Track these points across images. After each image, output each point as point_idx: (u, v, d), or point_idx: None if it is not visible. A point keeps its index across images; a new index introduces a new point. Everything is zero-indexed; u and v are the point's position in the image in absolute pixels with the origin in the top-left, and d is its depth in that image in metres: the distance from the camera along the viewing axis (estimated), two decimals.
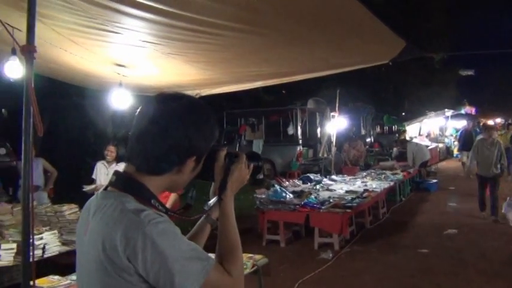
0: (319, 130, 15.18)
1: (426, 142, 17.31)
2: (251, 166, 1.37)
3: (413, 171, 11.53)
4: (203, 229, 1.43)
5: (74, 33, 4.09)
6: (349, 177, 9.79)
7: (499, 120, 27.68)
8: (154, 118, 1.17)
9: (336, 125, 10.69)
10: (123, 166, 1.25)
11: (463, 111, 24.45)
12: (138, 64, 5.30)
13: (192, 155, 1.19)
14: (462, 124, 20.37)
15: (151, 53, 4.66)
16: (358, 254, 6.29)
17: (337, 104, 10.27)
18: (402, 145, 13.37)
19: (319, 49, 4.71)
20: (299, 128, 14.39)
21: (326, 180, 9.17)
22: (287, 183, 8.41)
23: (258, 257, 3.69)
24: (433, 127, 23.10)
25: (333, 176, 9.71)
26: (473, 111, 26.35)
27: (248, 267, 3.45)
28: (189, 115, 1.19)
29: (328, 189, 8.21)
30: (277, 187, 7.43)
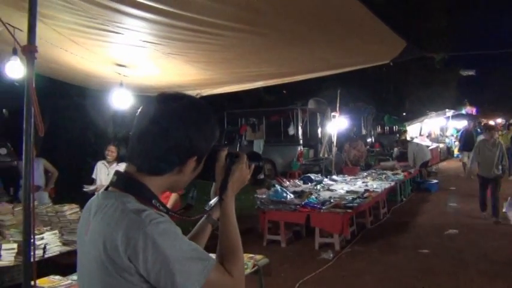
0: (319, 130, 15.18)
1: (427, 142, 17.29)
2: (252, 166, 1.37)
3: (414, 171, 11.53)
4: (204, 229, 1.43)
5: (75, 33, 4.10)
6: (349, 177, 9.79)
7: (500, 120, 27.66)
8: (155, 118, 1.17)
9: (337, 125, 10.68)
10: (123, 166, 1.25)
11: (464, 111, 24.44)
12: (139, 64, 5.31)
13: (193, 155, 1.19)
14: (463, 124, 20.38)
15: (151, 53, 4.66)
16: (358, 254, 6.29)
17: (337, 104, 10.26)
18: (403, 145, 13.37)
19: (319, 49, 4.71)
20: (300, 128, 14.39)
21: (327, 180, 9.17)
22: (288, 183, 8.41)
23: (259, 257, 3.69)
24: (434, 127, 23.09)
25: (334, 176, 9.71)
26: (474, 111, 26.34)
27: (249, 267, 3.46)
28: (190, 115, 1.19)
29: (328, 189, 8.21)
30: (277, 187, 7.43)
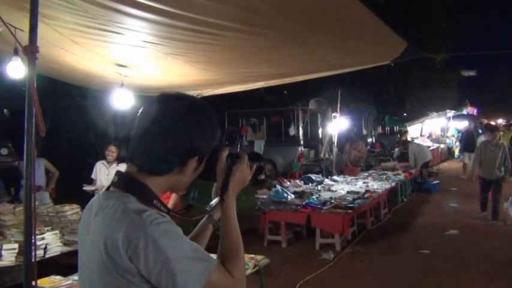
0: (320, 131, 15.16)
1: (428, 143, 17.29)
2: (254, 167, 1.37)
3: (414, 171, 11.53)
4: (205, 229, 1.43)
5: (76, 33, 4.10)
6: (350, 177, 9.78)
7: (501, 121, 27.64)
8: (156, 118, 1.17)
9: (337, 126, 10.67)
10: (124, 167, 1.25)
11: (465, 111, 24.39)
12: (140, 64, 5.31)
13: (194, 156, 1.19)
14: (464, 125, 20.34)
15: (152, 54, 4.66)
16: (359, 255, 6.29)
17: (338, 105, 10.25)
18: (404, 146, 13.34)
19: (320, 50, 4.71)
20: (300, 129, 14.39)
21: (327, 180, 9.16)
22: (288, 183, 8.41)
23: (260, 258, 3.69)
24: (435, 128, 23.07)
25: (335, 177, 9.70)
26: (475, 111, 26.28)
27: (250, 267, 3.46)
28: (191, 115, 1.19)
29: (329, 189, 8.20)
30: (278, 187, 7.43)
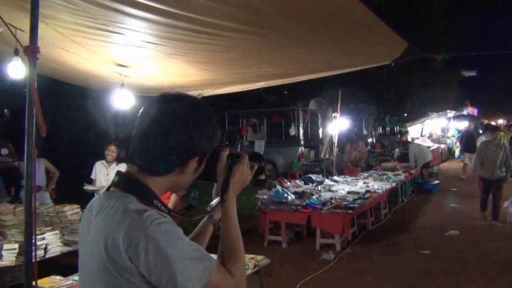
0: (321, 131, 15.18)
1: (428, 143, 17.29)
2: (255, 167, 1.37)
3: (415, 172, 11.53)
4: (205, 230, 1.43)
5: (76, 33, 4.11)
6: (350, 178, 9.79)
7: (501, 121, 27.64)
8: (156, 118, 1.17)
9: (338, 126, 10.68)
10: (123, 167, 1.25)
11: (465, 112, 24.37)
12: (140, 64, 5.31)
13: (195, 156, 1.19)
14: (464, 125, 20.36)
15: (153, 54, 4.66)
16: (359, 255, 6.29)
17: (338, 105, 10.25)
18: (404, 146, 13.34)
19: (320, 50, 4.71)
20: (301, 129, 14.39)
21: (328, 181, 9.17)
22: (289, 184, 8.41)
23: (260, 258, 3.69)
24: (435, 128, 23.07)
25: (335, 177, 9.71)
26: (475, 112, 26.26)
27: (250, 267, 3.45)
28: (192, 116, 1.19)
29: (329, 190, 8.21)
30: (278, 188, 7.43)
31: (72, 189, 7.30)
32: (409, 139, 15.30)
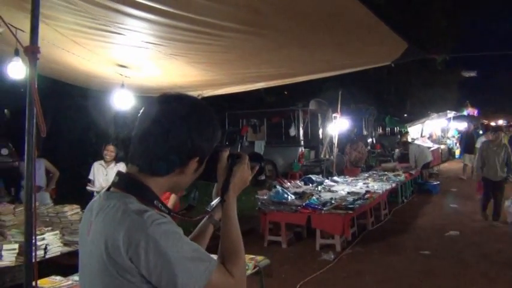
0: (321, 131, 15.17)
1: (428, 143, 17.29)
2: (256, 168, 1.37)
3: (415, 172, 11.53)
4: (206, 230, 1.43)
5: (77, 34, 4.11)
6: (350, 178, 9.79)
7: (501, 121, 27.61)
8: (157, 119, 1.17)
9: (338, 126, 10.68)
10: (122, 166, 1.26)
11: (465, 112, 24.37)
12: (140, 65, 5.31)
13: (195, 156, 1.19)
14: (464, 126, 20.34)
15: (153, 54, 4.66)
16: (359, 256, 6.29)
17: (339, 105, 10.25)
18: (404, 146, 13.34)
19: (320, 50, 4.71)
20: (301, 129, 14.39)
21: (328, 181, 9.17)
22: (289, 184, 8.41)
23: (260, 258, 3.69)
24: (435, 128, 23.06)
25: (335, 177, 9.71)
26: (475, 112, 26.26)
27: (250, 268, 3.45)
28: (192, 116, 1.19)
29: (329, 190, 8.21)
30: (278, 188, 7.43)
31: (72, 189, 7.31)
32: (409, 140, 15.30)
